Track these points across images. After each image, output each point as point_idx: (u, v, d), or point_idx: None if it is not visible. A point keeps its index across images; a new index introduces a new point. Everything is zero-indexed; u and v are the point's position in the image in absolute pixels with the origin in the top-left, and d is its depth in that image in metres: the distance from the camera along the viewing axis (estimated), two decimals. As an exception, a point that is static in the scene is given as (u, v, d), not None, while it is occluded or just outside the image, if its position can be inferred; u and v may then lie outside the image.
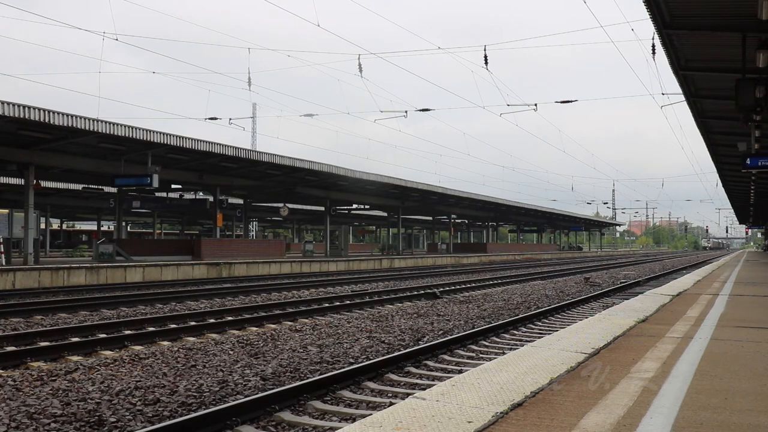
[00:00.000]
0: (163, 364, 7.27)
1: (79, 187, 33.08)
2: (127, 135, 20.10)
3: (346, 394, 6.16)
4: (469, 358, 8.19)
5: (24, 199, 21.98)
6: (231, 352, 8.05)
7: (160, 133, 21.32)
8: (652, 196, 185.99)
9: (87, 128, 18.82)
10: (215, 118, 24.54)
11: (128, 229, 60.39)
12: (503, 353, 7.51)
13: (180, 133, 22.44)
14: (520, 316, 11.64)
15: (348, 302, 14.85)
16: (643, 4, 9.49)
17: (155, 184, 23.31)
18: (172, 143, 21.84)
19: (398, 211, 45.69)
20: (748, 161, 15.26)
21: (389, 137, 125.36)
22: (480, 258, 50.06)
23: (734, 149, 18.15)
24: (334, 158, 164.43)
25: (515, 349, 6.71)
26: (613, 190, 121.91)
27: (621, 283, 21.30)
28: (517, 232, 79.68)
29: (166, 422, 4.88)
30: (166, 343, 9.55)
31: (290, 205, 41.64)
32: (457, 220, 65.14)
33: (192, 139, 22.63)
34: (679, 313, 7.82)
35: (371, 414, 3.43)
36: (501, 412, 3.23)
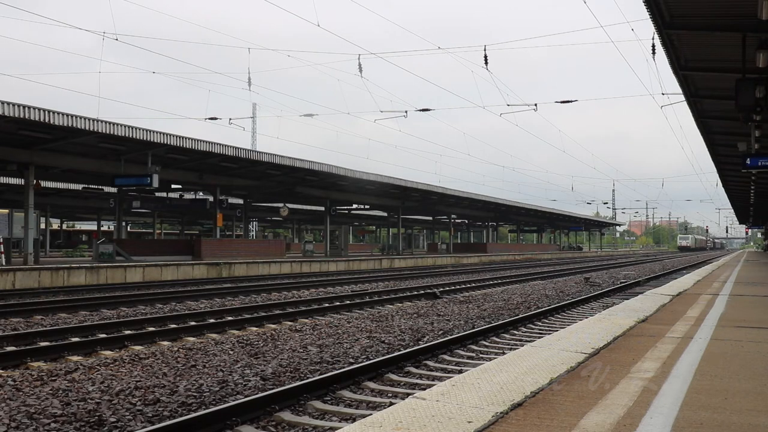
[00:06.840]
0: (163, 364, 7.27)
1: (79, 187, 33.09)
2: (127, 135, 20.10)
3: (346, 394, 6.16)
4: (469, 358, 8.19)
5: (24, 199, 21.99)
6: (231, 352, 8.05)
7: (160, 133, 21.32)
8: (652, 196, 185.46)
9: (87, 128, 18.82)
10: (215, 118, 24.58)
11: (128, 229, 60.43)
12: (503, 353, 7.51)
13: (180, 133, 22.46)
14: (520, 316, 11.64)
15: (348, 302, 14.85)
16: (643, 4, 9.49)
17: (155, 184, 23.31)
18: (172, 143, 21.84)
19: (398, 211, 45.69)
20: (748, 161, 15.27)
21: (389, 137, 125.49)
22: (480, 258, 50.05)
23: (734, 149, 18.14)
24: (334, 158, 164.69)
25: (515, 349, 6.70)
26: (613, 190, 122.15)
27: (621, 283, 21.30)
28: (517, 232, 79.64)
29: (166, 422, 4.89)
30: (166, 343, 9.55)
31: (290, 205, 41.64)
32: (457, 220, 65.12)
33: (192, 139, 22.63)
34: (679, 313, 7.82)
35: (371, 414, 3.43)
36: (501, 412, 3.23)
